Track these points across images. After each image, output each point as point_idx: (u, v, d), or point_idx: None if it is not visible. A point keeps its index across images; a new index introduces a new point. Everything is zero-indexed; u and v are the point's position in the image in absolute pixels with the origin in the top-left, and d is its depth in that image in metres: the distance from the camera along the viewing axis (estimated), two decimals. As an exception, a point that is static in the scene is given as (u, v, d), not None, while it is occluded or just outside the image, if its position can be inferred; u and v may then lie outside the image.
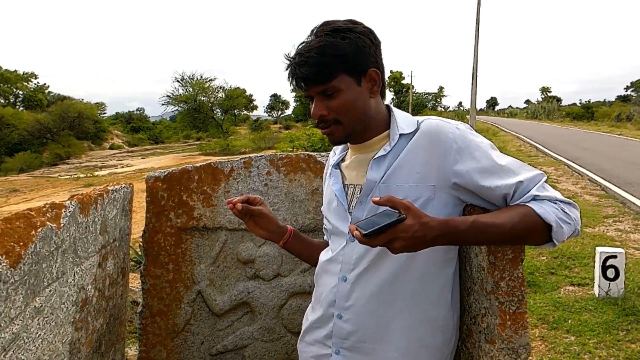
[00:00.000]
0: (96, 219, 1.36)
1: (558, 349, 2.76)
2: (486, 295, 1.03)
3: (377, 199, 0.90)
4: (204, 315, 1.90)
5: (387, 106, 1.15)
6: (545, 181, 1.00)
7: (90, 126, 43.41)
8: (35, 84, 55.46)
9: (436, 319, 1.09)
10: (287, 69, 1.08)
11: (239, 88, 40.66)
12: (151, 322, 1.87)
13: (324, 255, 1.23)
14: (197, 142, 37.55)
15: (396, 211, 0.89)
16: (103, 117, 55.10)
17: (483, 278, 1.04)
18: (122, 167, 26.01)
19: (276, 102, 71.11)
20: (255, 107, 58.44)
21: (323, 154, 1.88)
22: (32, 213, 1.03)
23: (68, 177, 21.15)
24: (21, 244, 0.93)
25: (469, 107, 25.33)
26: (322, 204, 1.86)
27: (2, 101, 50.64)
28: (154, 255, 1.84)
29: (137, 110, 69.26)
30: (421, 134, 1.06)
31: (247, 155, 1.87)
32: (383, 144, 1.10)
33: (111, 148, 44.69)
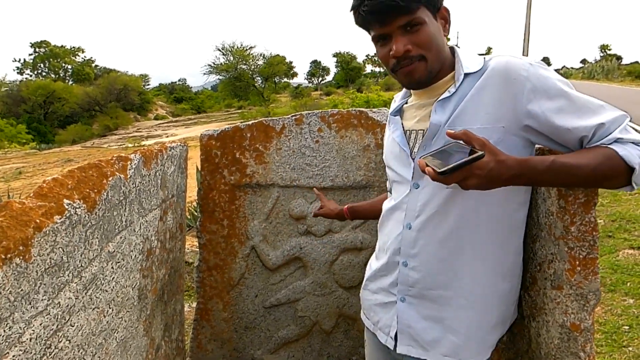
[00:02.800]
0: (157, 173, 1.41)
1: (615, 311, 2.69)
2: (554, 240, 1.00)
3: (453, 131, 0.86)
4: (258, 270, 1.95)
5: (451, 48, 1.11)
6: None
7: (136, 97, 44.64)
8: (82, 58, 57.19)
9: (505, 265, 1.07)
10: (359, 5, 1.02)
11: (278, 55, 40.50)
12: (208, 275, 1.94)
13: (387, 204, 1.21)
14: (239, 111, 37.91)
15: (467, 146, 0.84)
16: (147, 88, 56.39)
17: (551, 223, 1.00)
18: (167, 136, 26.74)
19: (316, 68, 70.27)
20: (295, 74, 58.15)
21: (375, 110, 1.85)
22: (103, 163, 1.07)
23: (117, 147, 22.01)
24: (95, 191, 0.98)
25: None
26: (372, 161, 1.85)
27: (53, 76, 52.64)
28: (209, 211, 1.89)
29: (179, 80, 70.33)
30: (490, 72, 1.00)
31: (299, 113, 1.87)
32: (448, 86, 1.05)
33: (156, 118, 45.84)
